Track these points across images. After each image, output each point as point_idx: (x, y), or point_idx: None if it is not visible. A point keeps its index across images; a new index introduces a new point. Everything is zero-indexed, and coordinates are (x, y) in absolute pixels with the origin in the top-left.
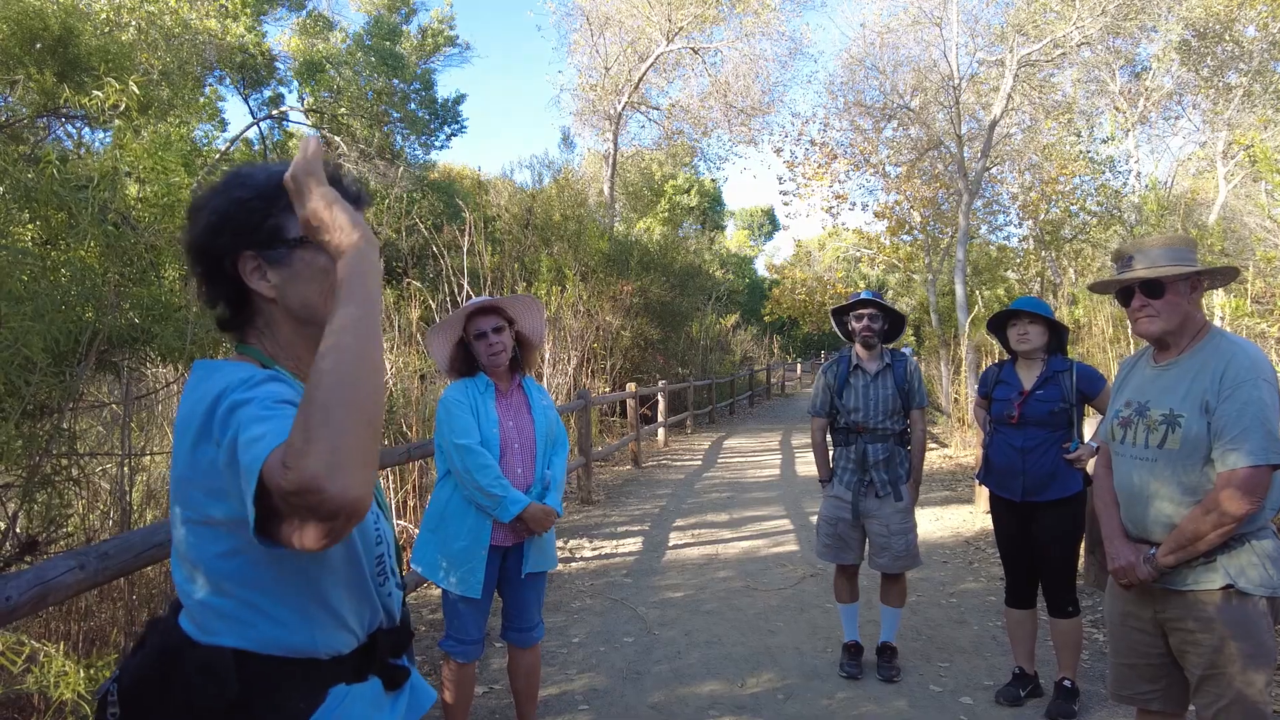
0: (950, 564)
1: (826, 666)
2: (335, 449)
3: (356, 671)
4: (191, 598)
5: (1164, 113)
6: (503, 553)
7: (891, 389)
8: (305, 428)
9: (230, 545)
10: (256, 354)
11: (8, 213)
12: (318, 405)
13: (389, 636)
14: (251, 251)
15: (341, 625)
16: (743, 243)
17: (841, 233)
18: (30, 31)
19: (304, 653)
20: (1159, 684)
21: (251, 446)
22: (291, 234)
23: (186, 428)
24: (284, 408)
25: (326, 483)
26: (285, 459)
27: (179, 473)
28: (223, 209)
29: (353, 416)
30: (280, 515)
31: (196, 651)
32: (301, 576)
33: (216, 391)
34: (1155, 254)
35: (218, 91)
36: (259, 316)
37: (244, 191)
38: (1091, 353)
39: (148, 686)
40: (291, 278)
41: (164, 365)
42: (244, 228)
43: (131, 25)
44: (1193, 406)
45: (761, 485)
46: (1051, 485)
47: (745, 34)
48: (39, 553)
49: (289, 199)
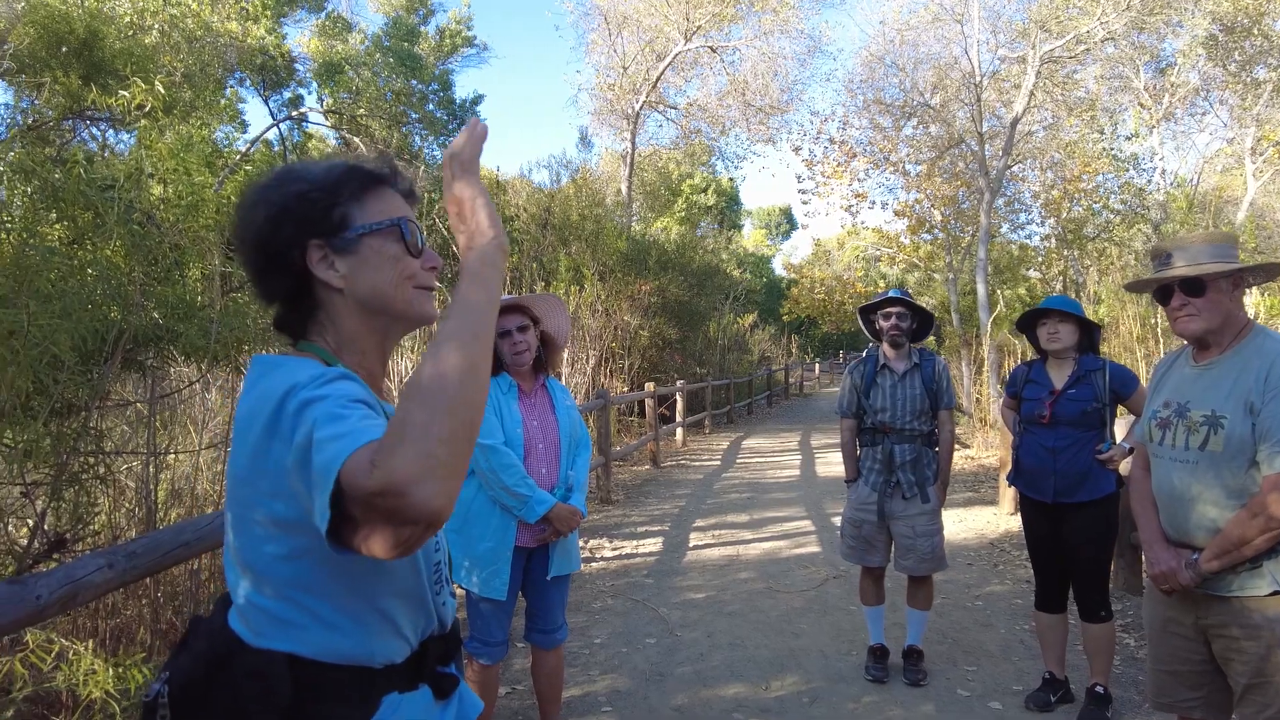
0: (975, 566)
1: (851, 670)
2: (430, 455)
3: (409, 680)
4: (245, 599)
5: (1190, 109)
6: (527, 554)
7: (919, 389)
8: (404, 424)
9: (290, 548)
10: (318, 350)
11: (36, 212)
12: (426, 401)
13: (439, 644)
14: (318, 241)
15: (397, 633)
16: (760, 242)
17: (861, 231)
18: (56, 35)
19: (358, 660)
20: (1201, 691)
21: (328, 446)
22: (358, 222)
23: (248, 427)
24: (358, 408)
25: (414, 488)
26: (375, 457)
27: (238, 473)
28: (280, 202)
29: (457, 420)
30: (353, 520)
31: (248, 655)
32: (362, 582)
33: (284, 388)
34: (1196, 250)
35: (238, 93)
36: (321, 310)
37: (300, 184)
38: (1118, 353)
39: (198, 690)
40: (361, 265)
41: (188, 364)
42: (308, 218)
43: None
44: (1236, 407)
45: (782, 486)
46: (1083, 486)
47: (764, 32)
48: (67, 550)
49: (351, 190)
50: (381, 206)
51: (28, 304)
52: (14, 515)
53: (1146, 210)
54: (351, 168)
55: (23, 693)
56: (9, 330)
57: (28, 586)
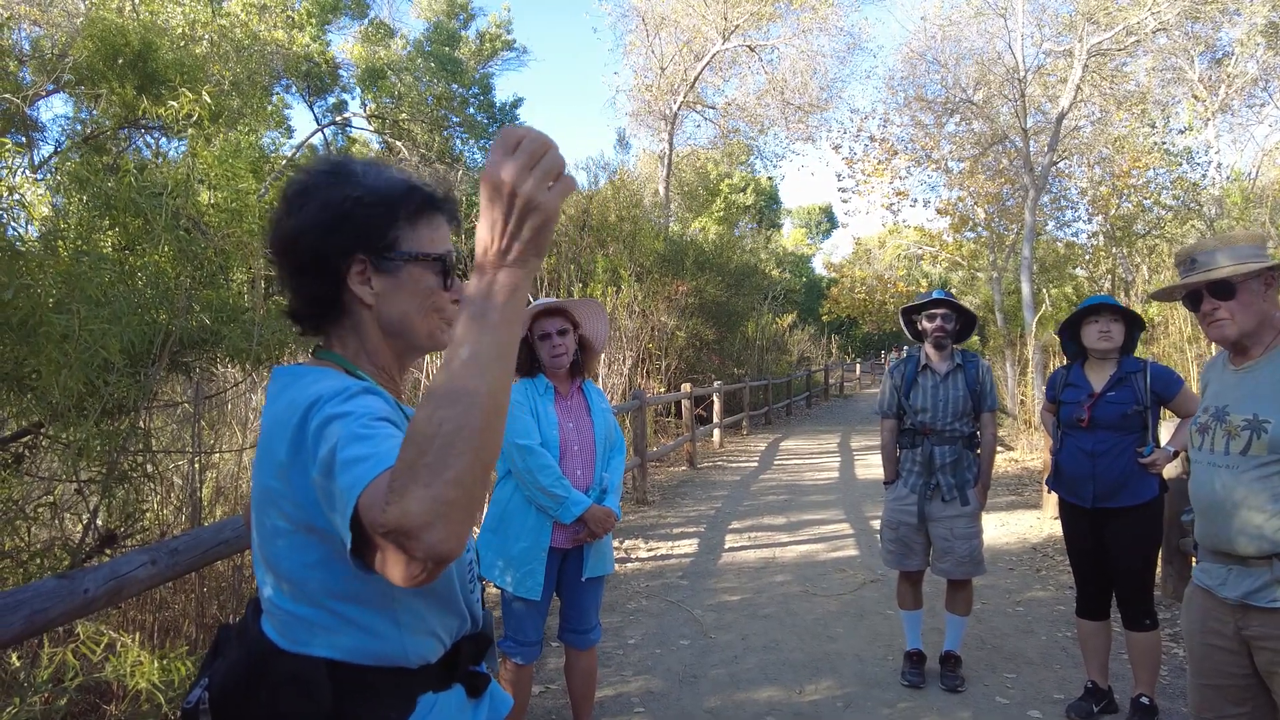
0: (1016, 571)
1: (888, 675)
2: (440, 499)
3: (443, 679)
4: (277, 606)
5: (1248, 100)
6: (562, 555)
7: (963, 390)
8: (414, 465)
9: (320, 554)
10: (338, 359)
11: (90, 221)
12: (437, 442)
13: (472, 643)
14: (364, 256)
15: (430, 633)
16: (800, 241)
17: (902, 230)
18: (113, 48)
19: (394, 661)
20: (1245, 706)
21: (350, 469)
22: (406, 247)
23: (274, 438)
24: (383, 426)
25: (424, 532)
26: (388, 496)
27: (266, 482)
28: (338, 207)
29: (470, 462)
30: (372, 543)
31: (285, 661)
32: (393, 587)
33: (308, 401)
34: (1223, 253)
35: (284, 99)
36: (347, 318)
37: (360, 191)
38: (1168, 353)
39: (239, 696)
40: (396, 288)
41: (232, 366)
42: (362, 232)
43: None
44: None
45: (820, 488)
46: (1123, 491)
47: (802, 30)
48: (118, 545)
49: (408, 211)
50: (431, 235)
51: (79, 309)
52: (69, 511)
53: (1200, 206)
54: (412, 188)
55: (75, 682)
56: (62, 334)
57: (76, 581)
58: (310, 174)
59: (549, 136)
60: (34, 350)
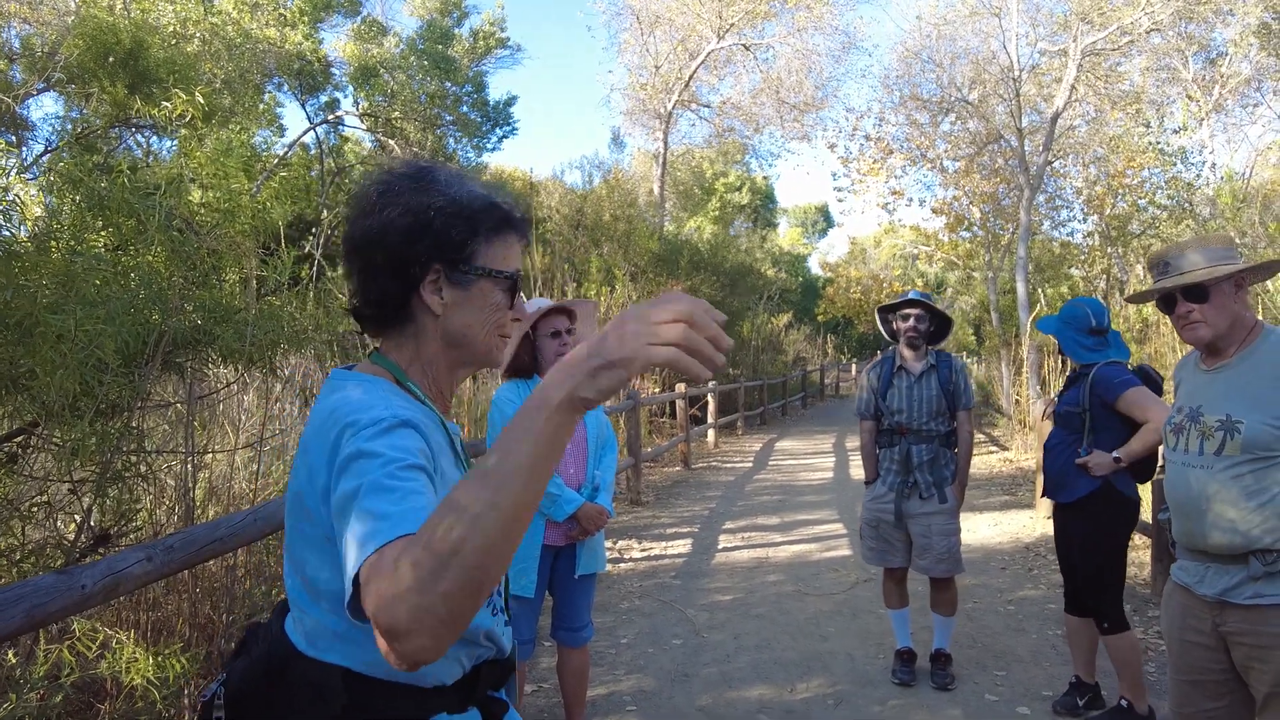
0: (1009, 570)
1: (879, 673)
2: (428, 610)
3: (459, 702)
4: (304, 611)
5: (1241, 100)
6: (554, 553)
7: (936, 390)
8: (413, 566)
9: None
10: (390, 366)
11: (83, 221)
12: (436, 554)
13: (493, 669)
14: (440, 266)
15: (450, 657)
16: (795, 240)
17: (898, 229)
18: (104, 46)
19: (409, 679)
20: (1223, 700)
21: (365, 522)
22: (481, 262)
23: (312, 445)
24: (410, 478)
25: (404, 638)
26: (379, 588)
27: (299, 486)
28: (422, 214)
29: (466, 583)
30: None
31: (304, 665)
32: None
33: (343, 422)
34: (1194, 256)
35: (276, 98)
36: (411, 323)
37: (444, 201)
38: (1161, 353)
39: (254, 694)
40: (465, 301)
41: (225, 366)
42: (445, 241)
43: (196, 37)
44: (1252, 410)
45: (814, 488)
46: (1063, 488)
47: (798, 29)
48: (111, 545)
49: (488, 226)
50: (505, 252)
51: (74, 309)
52: (62, 511)
53: (1194, 206)
54: (493, 204)
55: (70, 679)
56: (57, 335)
57: (73, 576)
58: (393, 175)
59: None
60: (30, 350)
